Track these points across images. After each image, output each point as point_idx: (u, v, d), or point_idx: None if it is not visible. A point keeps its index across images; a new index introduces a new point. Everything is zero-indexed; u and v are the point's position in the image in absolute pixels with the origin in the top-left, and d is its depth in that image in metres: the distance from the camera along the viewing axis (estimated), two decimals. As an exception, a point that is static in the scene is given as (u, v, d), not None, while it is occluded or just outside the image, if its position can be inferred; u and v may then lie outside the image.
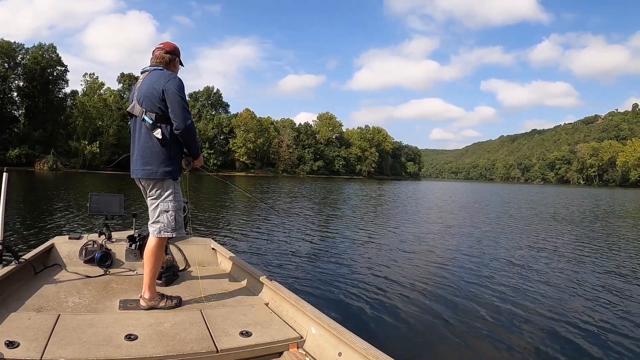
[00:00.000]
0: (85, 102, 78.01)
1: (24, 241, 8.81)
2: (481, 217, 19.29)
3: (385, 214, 19.74)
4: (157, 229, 3.37)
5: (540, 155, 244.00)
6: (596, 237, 13.92)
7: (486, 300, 6.24)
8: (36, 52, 74.44)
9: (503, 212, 22.59)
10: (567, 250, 11.04)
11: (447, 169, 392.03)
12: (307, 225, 14.29)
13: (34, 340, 2.53)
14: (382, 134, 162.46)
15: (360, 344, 2.48)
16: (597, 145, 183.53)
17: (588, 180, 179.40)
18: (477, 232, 13.80)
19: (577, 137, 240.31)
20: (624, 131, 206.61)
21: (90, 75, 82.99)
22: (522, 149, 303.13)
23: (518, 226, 16.29)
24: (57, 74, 78.53)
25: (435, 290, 6.65)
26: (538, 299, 6.44)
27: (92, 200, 4.66)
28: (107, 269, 4.20)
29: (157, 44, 3.51)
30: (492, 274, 7.92)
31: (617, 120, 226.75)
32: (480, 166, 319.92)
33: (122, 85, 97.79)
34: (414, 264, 8.66)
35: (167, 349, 2.60)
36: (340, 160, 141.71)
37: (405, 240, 11.62)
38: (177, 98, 3.21)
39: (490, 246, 11.11)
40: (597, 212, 26.30)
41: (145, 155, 3.30)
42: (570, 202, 36.84)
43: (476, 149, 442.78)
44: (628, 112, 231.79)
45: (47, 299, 3.29)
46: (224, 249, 4.83)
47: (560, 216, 21.79)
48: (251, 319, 3.16)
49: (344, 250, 9.82)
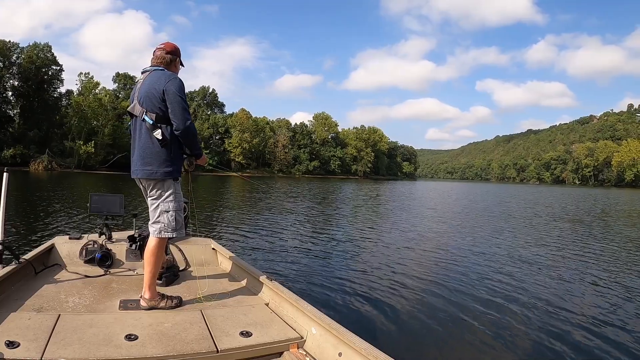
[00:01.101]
0: (81, 102, 77.75)
1: (20, 241, 8.78)
2: (480, 217, 19.30)
3: (384, 214, 19.74)
4: (157, 229, 3.37)
5: (536, 155, 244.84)
6: (594, 236, 14.01)
7: (487, 300, 6.25)
8: (31, 52, 74.17)
9: (502, 212, 22.65)
10: (567, 250, 11.09)
11: (443, 169, 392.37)
12: (306, 225, 14.28)
13: (34, 340, 2.52)
14: (377, 134, 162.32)
15: (360, 344, 2.48)
16: (593, 146, 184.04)
17: (583, 180, 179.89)
18: (477, 232, 13.80)
19: (573, 137, 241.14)
20: (619, 131, 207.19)
21: (85, 74, 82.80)
22: (517, 149, 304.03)
23: (517, 226, 16.32)
24: (52, 73, 78.33)
25: (435, 290, 6.66)
26: (538, 298, 6.46)
27: (93, 200, 4.67)
28: (107, 269, 4.19)
29: (153, 44, 3.51)
30: (492, 274, 7.93)
31: (613, 120, 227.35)
32: (476, 166, 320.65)
33: (118, 85, 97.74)
34: (414, 264, 8.65)
35: (167, 349, 2.59)
36: (336, 160, 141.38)
37: (405, 241, 11.61)
38: (177, 99, 3.22)
39: (490, 246, 11.12)
40: (595, 211, 26.44)
41: (145, 155, 3.29)
42: (570, 202, 36.94)
43: (472, 149, 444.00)
44: (623, 113, 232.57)
45: (47, 299, 3.29)
46: (224, 249, 4.82)
47: (560, 216, 21.90)
48: (251, 319, 3.16)
49: (344, 251, 9.81)
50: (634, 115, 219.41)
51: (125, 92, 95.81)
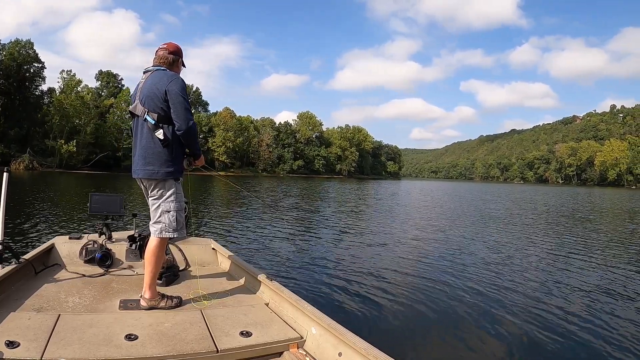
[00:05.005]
0: (62, 100, 76.60)
1: (19, 241, 8.73)
2: (479, 217, 19.34)
3: (383, 215, 19.68)
4: (158, 229, 3.37)
5: (520, 154, 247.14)
6: (582, 233, 14.24)
7: (487, 300, 6.28)
8: (12, 48, 72.66)
9: (495, 212, 22.72)
10: (566, 247, 11.32)
11: (427, 169, 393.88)
12: (306, 225, 14.28)
13: (34, 340, 2.52)
14: (362, 133, 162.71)
15: (360, 344, 2.49)
16: (576, 145, 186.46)
17: (566, 179, 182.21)
18: (476, 233, 13.84)
19: (556, 137, 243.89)
20: (601, 131, 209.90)
21: (67, 72, 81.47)
22: (501, 149, 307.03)
23: (516, 226, 16.43)
24: (34, 70, 76.73)
25: (436, 290, 6.68)
26: (538, 297, 6.53)
27: (93, 200, 4.65)
28: (107, 269, 4.18)
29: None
30: (492, 273, 7.95)
31: (595, 121, 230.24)
32: (460, 165, 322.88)
33: (100, 83, 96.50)
34: (414, 264, 8.65)
35: (167, 349, 2.60)
36: (320, 159, 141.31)
37: (405, 241, 11.64)
38: (179, 99, 3.22)
39: (491, 246, 11.20)
40: (583, 209, 26.83)
41: (147, 155, 3.29)
42: (556, 200, 37.34)
43: (456, 149, 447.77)
44: (606, 113, 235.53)
45: (47, 299, 3.28)
46: (224, 249, 4.82)
47: (549, 214, 22.19)
48: (251, 319, 3.17)
49: (344, 251, 9.80)
50: (616, 116, 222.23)
51: (108, 90, 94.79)
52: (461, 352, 4.58)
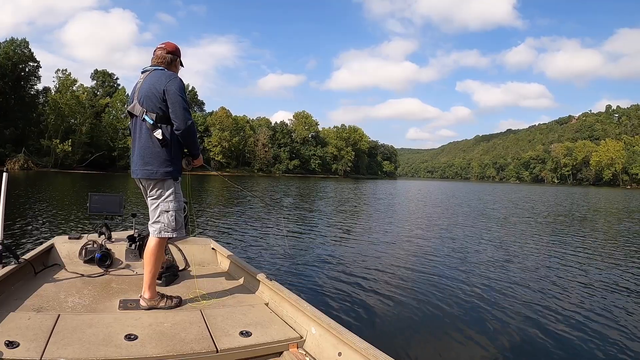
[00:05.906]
0: (58, 99, 76.41)
1: (19, 241, 8.70)
2: (478, 217, 19.31)
3: (382, 214, 19.65)
4: (157, 229, 3.36)
5: (515, 154, 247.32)
6: (579, 232, 14.23)
7: (487, 300, 6.27)
8: (8, 48, 72.39)
9: (493, 212, 22.75)
10: (561, 247, 11.30)
11: (423, 168, 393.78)
12: (306, 225, 14.25)
13: (33, 340, 2.51)
14: (358, 133, 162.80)
15: (360, 344, 2.49)
16: (571, 145, 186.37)
17: (562, 179, 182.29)
18: (475, 232, 13.82)
19: (552, 137, 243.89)
20: (597, 131, 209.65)
21: (62, 71, 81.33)
22: (497, 149, 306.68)
23: (514, 225, 16.44)
24: (30, 70, 76.60)
25: (436, 290, 6.66)
26: (538, 297, 6.54)
27: (92, 200, 4.66)
28: (106, 269, 4.18)
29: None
30: (492, 274, 7.93)
31: (591, 121, 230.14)
32: (456, 165, 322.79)
33: (96, 82, 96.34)
34: (414, 264, 8.64)
35: (167, 349, 2.60)
36: (316, 159, 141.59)
37: (406, 241, 11.63)
38: (178, 99, 3.21)
39: (490, 246, 11.20)
40: (580, 209, 26.89)
41: (145, 155, 3.28)
42: (553, 200, 37.43)
43: (452, 148, 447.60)
44: (601, 113, 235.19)
45: (47, 299, 3.27)
46: (224, 249, 4.82)
47: (547, 214, 22.17)
48: (251, 319, 3.17)
49: (344, 251, 9.79)
50: (611, 116, 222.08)
51: (104, 90, 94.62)
52: (461, 351, 4.58)
